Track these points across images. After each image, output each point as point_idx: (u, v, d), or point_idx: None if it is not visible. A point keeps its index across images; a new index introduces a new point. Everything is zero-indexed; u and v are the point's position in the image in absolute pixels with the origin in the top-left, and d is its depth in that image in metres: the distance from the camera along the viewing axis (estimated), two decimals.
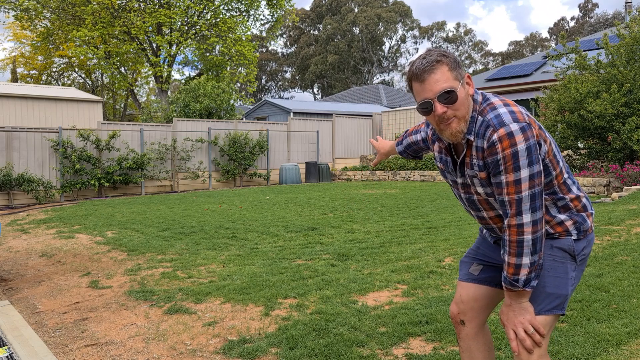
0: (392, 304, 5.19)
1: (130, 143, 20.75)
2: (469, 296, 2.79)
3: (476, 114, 2.40)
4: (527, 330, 2.38)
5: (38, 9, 33.36)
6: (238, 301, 5.47)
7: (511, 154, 2.26)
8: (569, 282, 2.47)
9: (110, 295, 6.08)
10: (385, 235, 9.03)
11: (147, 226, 10.98)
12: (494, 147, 2.29)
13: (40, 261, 8.23)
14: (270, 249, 8.26)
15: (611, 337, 4.09)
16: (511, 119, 2.29)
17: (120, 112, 51.66)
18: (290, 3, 38.65)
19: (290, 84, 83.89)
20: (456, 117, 2.35)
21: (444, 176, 2.77)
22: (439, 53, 2.35)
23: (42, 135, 18.78)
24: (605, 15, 66.54)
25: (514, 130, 2.26)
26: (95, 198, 19.26)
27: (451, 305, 2.87)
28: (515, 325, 2.41)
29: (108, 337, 4.73)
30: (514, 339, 2.42)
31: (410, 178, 22.89)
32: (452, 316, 2.85)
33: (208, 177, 22.73)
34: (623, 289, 5.26)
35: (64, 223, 11.99)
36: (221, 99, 26.35)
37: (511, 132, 2.26)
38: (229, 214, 12.64)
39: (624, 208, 10.38)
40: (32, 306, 5.88)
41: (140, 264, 7.51)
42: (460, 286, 2.86)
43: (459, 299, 2.82)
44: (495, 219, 2.59)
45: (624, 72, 15.18)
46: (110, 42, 34.95)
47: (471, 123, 2.39)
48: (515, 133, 2.26)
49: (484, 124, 2.34)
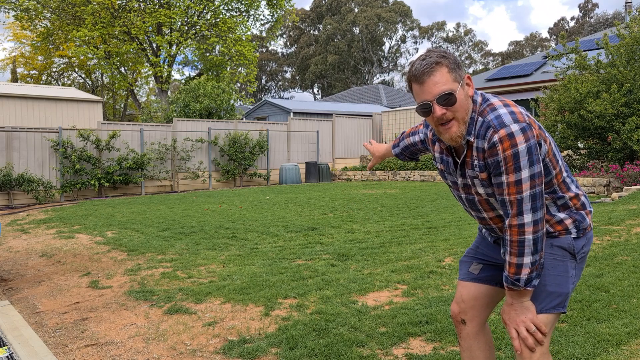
0: (392, 304, 5.19)
1: (130, 143, 20.75)
2: (469, 295, 2.80)
3: (476, 114, 2.40)
4: (529, 329, 2.40)
5: (38, 9, 33.35)
6: (238, 301, 5.47)
7: (512, 155, 2.26)
8: (570, 281, 2.49)
9: (110, 295, 6.08)
10: (385, 235, 9.03)
11: (147, 226, 10.98)
12: (495, 148, 2.30)
13: (40, 261, 8.23)
14: (270, 249, 8.26)
15: (611, 337, 4.09)
16: (511, 119, 2.30)
17: (120, 112, 51.66)
18: (290, 3, 38.65)
19: (290, 84, 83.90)
20: (455, 118, 2.35)
21: (443, 177, 2.77)
22: (438, 54, 2.35)
23: (42, 135, 18.78)
24: (605, 16, 66.57)
25: (515, 131, 2.26)
26: (95, 198, 19.26)
27: (452, 305, 2.87)
28: (517, 324, 2.42)
29: (108, 337, 4.73)
30: (516, 337, 2.43)
31: (410, 178, 22.89)
32: (453, 315, 2.85)
33: (208, 177, 22.73)
34: (623, 289, 5.26)
35: (64, 223, 11.99)
36: (221, 99, 26.35)
37: (512, 133, 2.26)
38: (229, 214, 12.64)
39: (624, 208, 10.38)
40: (32, 306, 5.88)
41: (140, 264, 7.50)
42: (460, 285, 2.86)
43: (460, 298, 2.82)
44: (496, 219, 2.60)
45: (624, 72, 15.18)
46: (110, 42, 34.95)
47: (471, 124, 2.40)
48: (515, 134, 2.26)
49: (485, 125, 2.35)
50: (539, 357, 2.40)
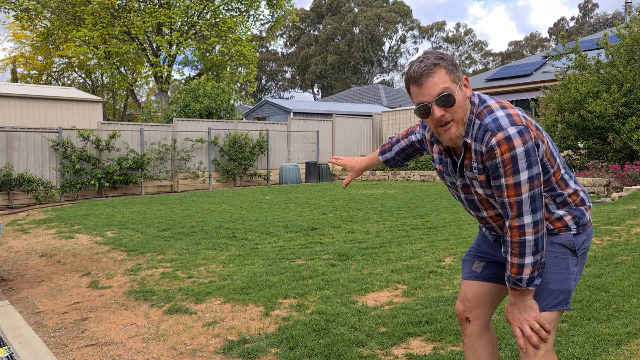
0: (392, 304, 5.19)
1: (130, 143, 20.75)
2: (473, 293, 2.81)
3: (473, 116, 2.41)
4: (533, 327, 2.42)
5: (38, 9, 33.34)
6: (238, 301, 5.47)
7: (510, 158, 2.28)
8: (572, 277, 2.51)
9: (110, 295, 6.08)
10: (385, 235, 9.03)
11: (147, 226, 10.98)
12: (493, 151, 2.31)
13: (40, 261, 8.23)
14: (270, 249, 8.26)
15: (611, 337, 4.09)
16: (509, 122, 2.30)
17: (120, 112, 51.67)
18: (290, 3, 38.64)
19: (290, 84, 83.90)
20: (454, 120, 2.36)
21: (442, 178, 2.78)
22: (436, 56, 2.36)
23: (42, 135, 18.78)
24: (605, 15, 66.60)
25: (512, 134, 2.27)
26: (95, 198, 19.26)
27: (457, 303, 2.89)
28: (521, 323, 2.44)
29: (108, 337, 4.74)
30: (520, 336, 2.45)
31: (410, 178, 22.89)
32: (458, 313, 2.87)
33: (208, 177, 22.72)
34: (623, 289, 5.26)
35: (64, 223, 11.99)
36: (221, 99, 26.35)
37: (509, 136, 2.27)
38: (229, 214, 12.64)
39: (624, 208, 10.39)
40: (32, 306, 5.88)
41: (140, 264, 7.51)
42: (464, 284, 2.88)
43: (464, 296, 2.84)
44: (496, 217, 2.61)
45: (624, 72, 15.18)
46: (110, 42, 34.95)
47: (468, 126, 2.41)
48: (513, 137, 2.27)
49: (482, 128, 2.36)
50: (543, 354, 2.42)
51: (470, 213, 2.74)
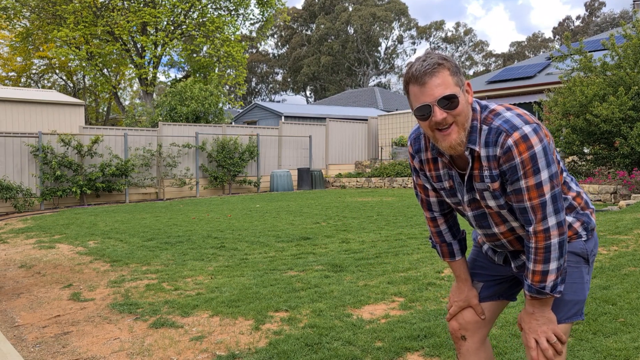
0: (388, 318, 5.19)
1: (113, 148, 20.71)
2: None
3: (478, 122, 2.40)
4: (550, 340, 2.42)
5: (17, 8, 33.30)
6: (227, 314, 5.46)
7: (529, 157, 2.28)
8: (586, 287, 2.53)
9: (92, 308, 6.06)
10: (381, 245, 9.04)
11: (132, 236, 10.96)
12: (511, 152, 2.30)
13: (19, 272, 8.21)
14: (260, 259, 8.25)
15: (618, 352, 4.10)
16: (521, 121, 2.31)
17: (103, 116, 51.57)
18: (281, 2, 38.67)
19: (281, 87, 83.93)
20: (455, 123, 2.33)
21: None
22: (440, 57, 2.34)
23: (21, 140, 18.73)
24: (612, 15, 66.88)
25: (528, 132, 2.28)
26: (77, 206, 19.21)
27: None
28: (538, 335, 2.44)
29: (90, 352, 4.72)
30: (534, 347, 2.45)
31: (407, 185, 22.92)
32: (452, 331, 2.84)
33: (195, 184, 22.70)
34: (631, 301, 5.27)
35: (44, 232, 11.96)
36: (209, 102, 26.37)
37: (526, 135, 2.28)
38: (217, 222, 12.64)
39: (632, 217, 10.42)
40: (11, 319, 5.86)
41: (124, 276, 7.49)
42: None
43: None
44: (507, 233, 2.59)
45: (632, 74, 15.25)
46: (93, 43, 34.90)
47: (474, 133, 2.39)
48: (529, 135, 2.28)
49: (494, 132, 2.34)
50: None
51: (477, 231, 2.74)
